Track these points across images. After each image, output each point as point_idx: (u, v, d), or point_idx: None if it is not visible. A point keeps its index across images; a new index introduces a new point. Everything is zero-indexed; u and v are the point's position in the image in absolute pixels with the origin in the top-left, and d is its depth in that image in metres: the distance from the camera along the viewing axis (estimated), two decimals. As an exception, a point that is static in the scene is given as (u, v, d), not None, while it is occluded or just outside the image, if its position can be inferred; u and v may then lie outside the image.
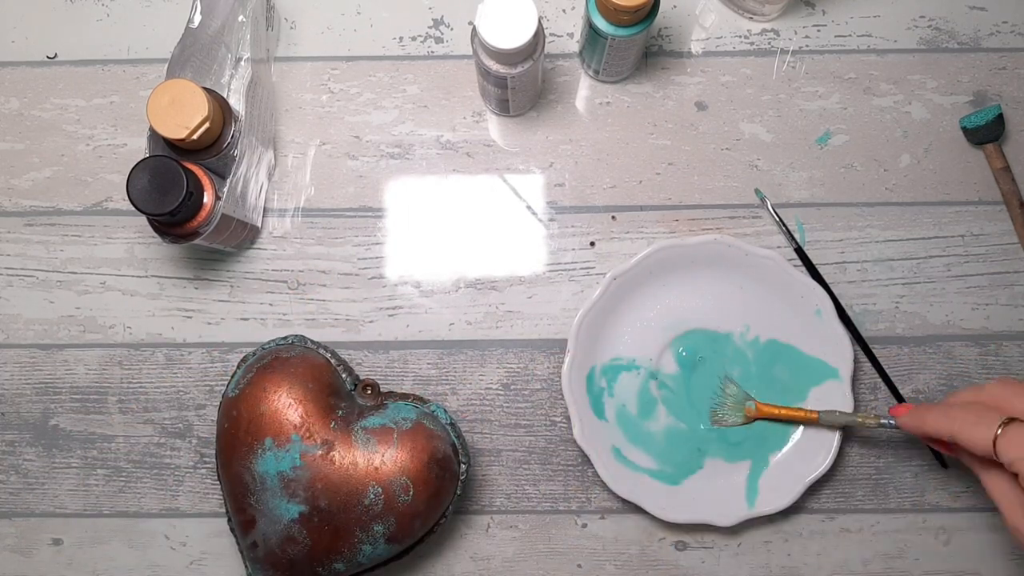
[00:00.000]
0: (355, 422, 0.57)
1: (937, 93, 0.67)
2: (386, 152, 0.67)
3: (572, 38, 0.68)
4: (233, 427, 0.56)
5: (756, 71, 0.67)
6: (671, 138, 0.67)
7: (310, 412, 0.56)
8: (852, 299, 0.65)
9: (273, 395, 0.56)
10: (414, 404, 0.59)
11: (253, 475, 0.56)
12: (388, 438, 0.56)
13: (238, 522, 0.58)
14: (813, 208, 0.66)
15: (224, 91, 0.59)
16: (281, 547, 0.56)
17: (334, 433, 0.56)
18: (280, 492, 0.55)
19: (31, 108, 0.67)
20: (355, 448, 0.56)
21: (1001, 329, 0.65)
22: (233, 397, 0.57)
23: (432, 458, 0.56)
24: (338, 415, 0.57)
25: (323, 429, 0.56)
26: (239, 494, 0.57)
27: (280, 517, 0.56)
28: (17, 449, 0.66)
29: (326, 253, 0.66)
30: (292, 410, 0.56)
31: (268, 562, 0.57)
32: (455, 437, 0.59)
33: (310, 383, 0.57)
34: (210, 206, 0.57)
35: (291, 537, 0.56)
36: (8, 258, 0.66)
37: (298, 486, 0.55)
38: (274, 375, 0.57)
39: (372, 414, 0.57)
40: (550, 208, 0.66)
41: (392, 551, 0.58)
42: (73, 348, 0.66)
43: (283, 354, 0.58)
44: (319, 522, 0.55)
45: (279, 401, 0.56)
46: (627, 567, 0.65)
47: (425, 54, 0.68)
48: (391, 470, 0.55)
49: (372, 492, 0.55)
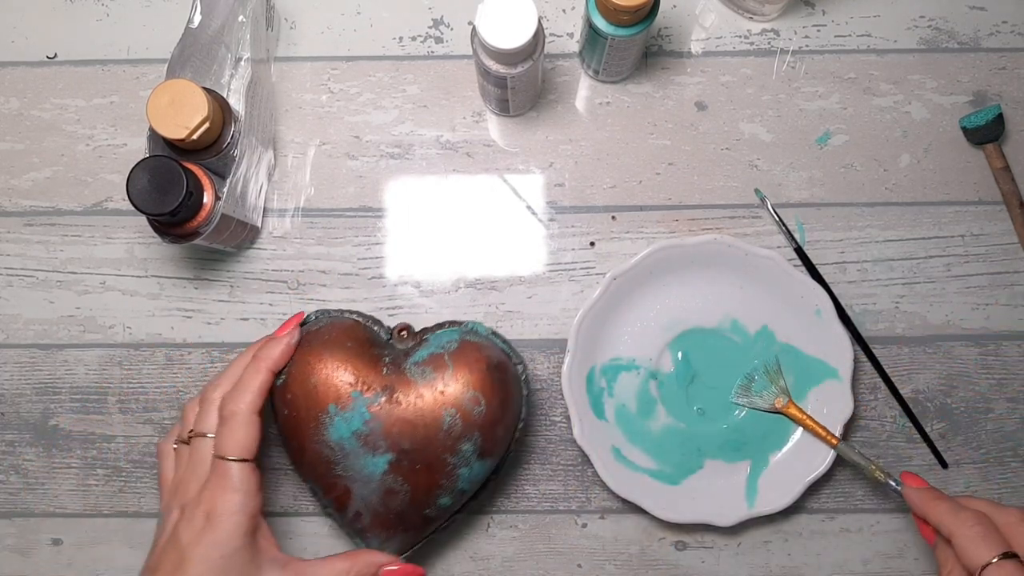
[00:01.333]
0: (404, 362, 0.57)
1: (937, 93, 0.67)
2: (386, 152, 0.67)
3: (572, 38, 0.68)
4: (293, 411, 0.56)
5: (756, 71, 0.67)
6: (671, 138, 0.67)
7: (359, 367, 0.56)
8: (852, 299, 0.65)
9: (319, 365, 0.56)
10: (451, 328, 0.59)
11: (330, 446, 0.56)
12: (441, 363, 0.57)
13: (333, 501, 0.58)
14: (813, 208, 0.66)
15: (224, 91, 0.59)
16: (383, 504, 0.56)
17: (389, 378, 0.56)
18: (362, 450, 0.56)
19: (31, 108, 0.67)
20: (415, 384, 0.56)
21: (1001, 329, 0.65)
22: (282, 385, 0.57)
23: (489, 365, 0.57)
24: (386, 362, 0.57)
25: (378, 378, 0.56)
26: (324, 471, 0.57)
27: (372, 474, 0.56)
28: (17, 449, 0.66)
29: (326, 253, 0.66)
30: (342, 372, 0.56)
31: (376, 526, 0.57)
32: (501, 343, 0.60)
33: (348, 343, 0.57)
34: (210, 206, 0.57)
35: (389, 489, 0.56)
36: (8, 258, 0.66)
37: (376, 437, 0.55)
38: (312, 348, 0.57)
39: (417, 350, 0.58)
40: (550, 208, 0.66)
41: (487, 467, 0.58)
42: (73, 348, 0.66)
43: (312, 328, 0.58)
44: (409, 463, 0.55)
45: (326, 368, 0.56)
46: (627, 567, 0.65)
47: (425, 54, 0.68)
48: (456, 389, 0.56)
49: (447, 416, 0.55)
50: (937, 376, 0.65)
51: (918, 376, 0.65)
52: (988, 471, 0.65)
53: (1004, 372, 0.65)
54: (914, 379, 0.65)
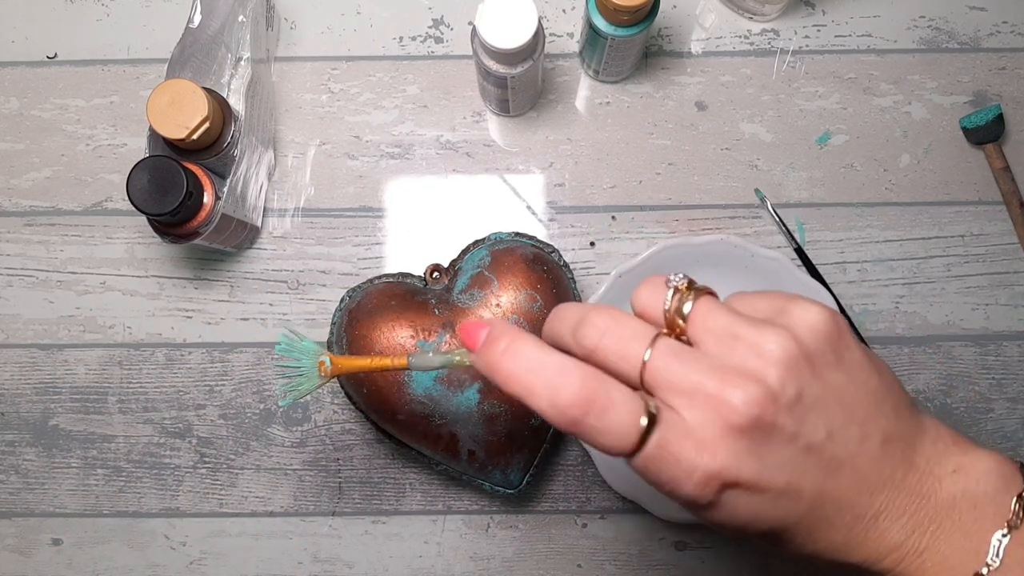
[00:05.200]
0: (450, 296, 0.58)
1: (937, 93, 0.67)
2: (386, 152, 0.67)
3: (572, 38, 0.68)
4: (371, 385, 0.57)
5: (756, 71, 0.67)
6: (671, 138, 0.67)
7: (413, 319, 0.57)
8: (852, 299, 0.65)
9: (375, 333, 0.57)
10: (476, 248, 0.60)
11: (420, 401, 0.56)
12: (484, 280, 0.57)
13: (444, 452, 0.58)
14: (813, 208, 0.66)
15: (224, 91, 0.59)
16: (490, 431, 0.57)
17: (444, 316, 0.57)
18: (450, 392, 0.56)
19: (31, 108, 0.67)
20: (470, 309, 0.57)
21: (1001, 329, 0.65)
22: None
23: (528, 262, 0.58)
24: (433, 304, 0.58)
25: (434, 321, 0.57)
26: (424, 427, 0.57)
27: (468, 409, 0.57)
28: (17, 449, 0.66)
29: (326, 253, 0.66)
30: (399, 330, 0.57)
31: (493, 455, 0.58)
32: (528, 240, 0.60)
33: (391, 302, 0.58)
34: (210, 206, 0.57)
35: (489, 416, 0.57)
36: (8, 258, 0.66)
37: (457, 373, 0.56)
38: (359, 322, 0.57)
39: (456, 281, 0.59)
40: (550, 208, 0.66)
41: None
42: (73, 348, 0.66)
43: (350, 307, 0.59)
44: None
45: (383, 333, 0.57)
46: (627, 567, 0.65)
47: (425, 54, 0.68)
48: (509, 297, 0.57)
49: (513, 323, 0.56)
50: (937, 376, 0.65)
51: (918, 376, 0.65)
52: (988, 471, 0.65)
53: (1004, 372, 0.65)
54: (914, 379, 0.65)
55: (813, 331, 0.34)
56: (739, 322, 0.34)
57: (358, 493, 0.65)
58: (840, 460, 0.34)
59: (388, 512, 0.65)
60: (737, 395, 0.32)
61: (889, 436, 0.35)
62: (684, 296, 0.35)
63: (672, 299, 0.35)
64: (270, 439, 0.65)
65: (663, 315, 0.35)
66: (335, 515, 0.65)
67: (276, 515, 0.65)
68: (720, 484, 0.32)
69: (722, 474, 0.32)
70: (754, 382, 0.32)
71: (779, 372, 0.33)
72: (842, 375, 0.34)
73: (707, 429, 0.32)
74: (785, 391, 0.33)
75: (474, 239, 0.61)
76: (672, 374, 0.33)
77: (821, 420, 0.33)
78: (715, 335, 0.34)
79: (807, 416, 0.33)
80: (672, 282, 0.35)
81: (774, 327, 0.34)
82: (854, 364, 0.35)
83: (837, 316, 0.35)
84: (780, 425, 0.33)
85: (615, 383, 0.33)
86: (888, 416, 0.35)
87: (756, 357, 0.33)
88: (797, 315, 0.34)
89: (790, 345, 0.33)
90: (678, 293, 0.35)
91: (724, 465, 0.32)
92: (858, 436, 0.34)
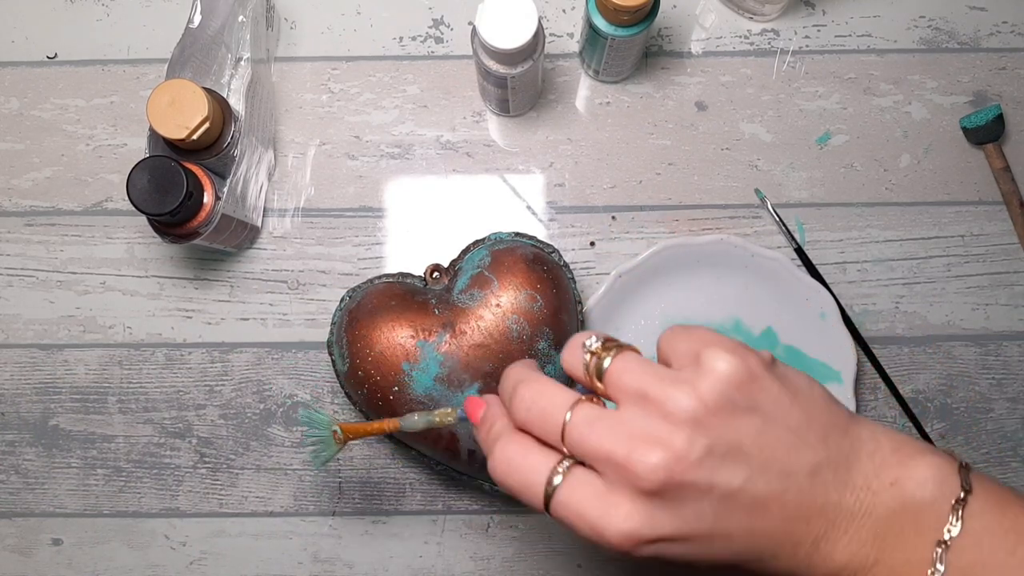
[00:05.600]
0: (450, 296, 0.58)
1: (937, 93, 0.67)
2: (386, 152, 0.67)
3: (572, 38, 0.68)
4: (370, 385, 0.57)
5: (756, 71, 0.67)
6: (671, 138, 0.67)
7: (411, 319, 0.57)
8: (852, 299, 0.65)
9: (375, 334, 0.57)
10: (476, 248, 0.60)
11: (419, 401, 0.56)
12: (484, 281, 0.57)
13: (443, 452, 0.58)
14: (813, 208, 0.66)
15: (224, 91, 0.59)
16: None
17: (444, 316, 0.57)
18: (449, 391, 0.56)
19: (31, 108, 0.67)
20: (470, 310, 0.57)
21: (1001, 329, 0.65)
22: (348, 369, 0.57)
23: (527, 262, 0.58)
24: (433, 304, 0.58)
25: (434, 321, 0.57)
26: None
27: None
28: (17, 449, 0.66)
29: (326, 253, 0.66)
30: (399, 330, 0.56)
31: None
32: (528, 239, 0.60)
33: (391, 302, 0.58)
34: (210, 206, 0.57)
35: None
36: (8, 258, 0.66)
37: (457, 373, 0.56)
38: (359, 322, 0.57)
39: (456, 281, 0.59)
40: (550, 208, 0.66)
41: None
42: (73, 348, 0.66)
43: (350, 307, 0.59)
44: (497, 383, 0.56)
45: (383, 333, 0.57)
46: (627, 567, 0.65)
47: (425, 54, 0.68)
48: (509, 297, 0.57)
49: (512, 324, 0.56)
50: (937, 376, 0.65)
51: (918, 376, 0.65)
52: (988, 471, 0.65)
53: (1004, 372, 0.65)
54: (914, 379, 0.65)
55: (722, 381, 0.35)
56: (649, 381, 0.35)
57: (358, 493, 0.65)
58: (763, 500, 0.35)
59: (388, 512, 0.65)
60: (643, 462, 0.34)
61: (817, 466, 0.36)
62: (601, 357, 0.36)
63: (590, 362, 0.37)
64: (270, 439, 0.65)
65: (584, 377, 0.37)
66: (335, 515, 0.65)
67: (276, 515, 0.65)
68: (639, 541, 0.34)
69: (640, 532, 0.34)
70: (660, 446, 0.34)
71: (685, 433, 0.34)
72: (756, 419, 0.35)
73: (623, 492, 0.34)
74: (693, 449, 0.34)
75: (474, 239, 0.61)
76: (586, 441, 0.35)
77: (737, 467, 0.34)
78: (628, 395, 0.36)
79: (720, 467, 0.34)
80: (587, 346, 0.37)
81: (681, 384, 0.35)
82: (769, 405, 0.35)
83: (749, 359, 0.36)
84: (691, 481, 0.34)
85: (536, 449, 0.37)
86: (814, 446, 0.36)
87: (662, 419, 0.34)
88: (708, 365, 0.35)
89: (695, 404, 0.34)
90: (593, 356, 0.37)
91: (640, 524, 0.34)
92: (780, 474, 0.35)
